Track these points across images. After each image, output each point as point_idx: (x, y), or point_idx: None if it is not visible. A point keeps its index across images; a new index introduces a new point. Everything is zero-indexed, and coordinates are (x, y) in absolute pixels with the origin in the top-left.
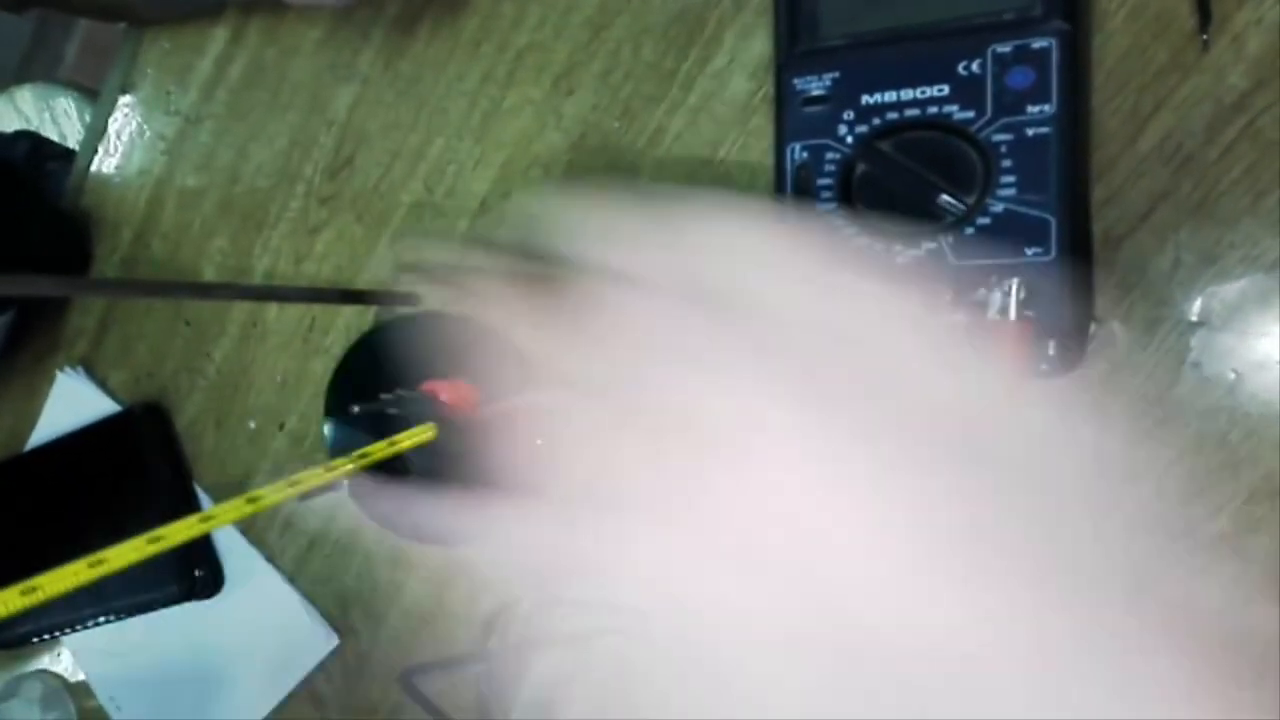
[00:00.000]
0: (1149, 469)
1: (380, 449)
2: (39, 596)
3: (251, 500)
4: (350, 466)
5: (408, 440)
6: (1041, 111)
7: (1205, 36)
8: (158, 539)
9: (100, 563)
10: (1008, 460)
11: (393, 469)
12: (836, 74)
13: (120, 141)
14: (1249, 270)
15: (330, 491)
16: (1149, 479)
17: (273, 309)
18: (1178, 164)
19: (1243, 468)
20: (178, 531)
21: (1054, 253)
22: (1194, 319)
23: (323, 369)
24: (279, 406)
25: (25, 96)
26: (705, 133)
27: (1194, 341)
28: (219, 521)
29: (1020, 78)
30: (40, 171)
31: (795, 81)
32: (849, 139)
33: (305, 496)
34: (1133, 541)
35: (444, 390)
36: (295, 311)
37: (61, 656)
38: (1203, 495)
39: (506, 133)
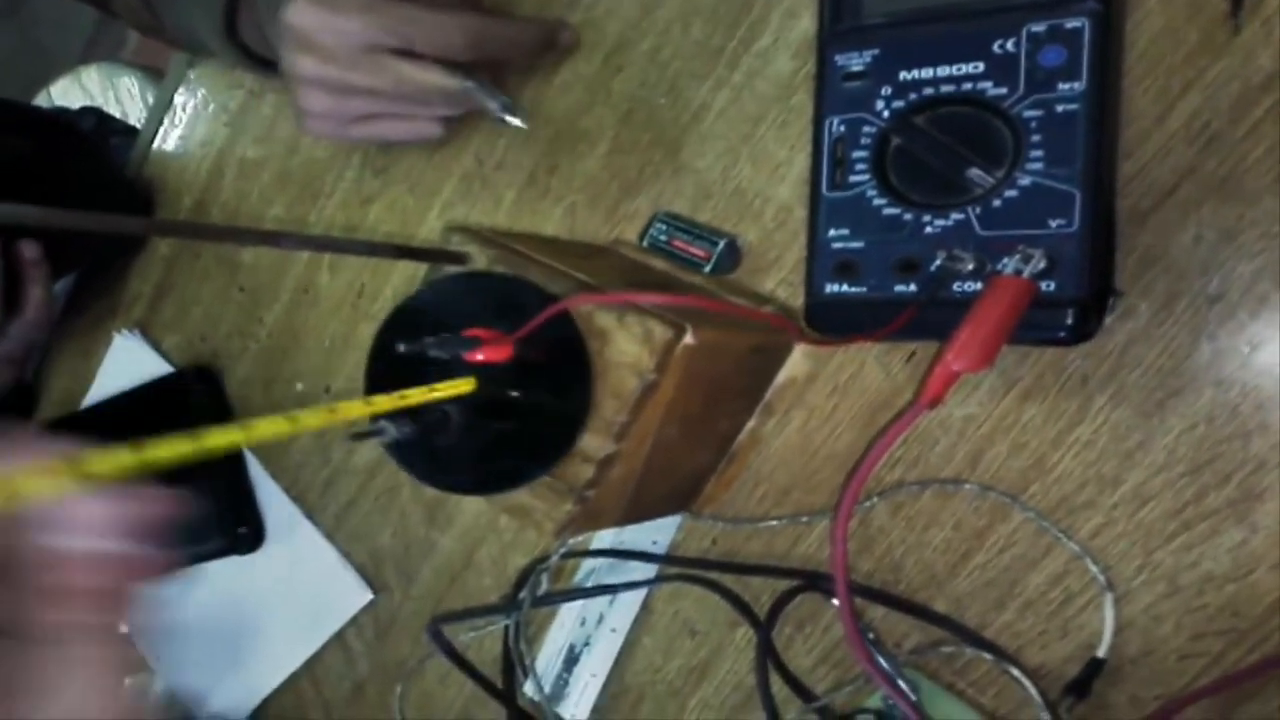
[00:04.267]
0: (1162, 435)
1: (420, 393)
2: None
3: (291, 420)
4: (389, 404)
5: (447, 389)
6: (1071, 89)
7: (1236, 20)
8: (199, 440)
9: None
10: None
11: (432, 419)
12: (876, 50)
13: (185, 113)
14: (1267, 247)
15: (375, 434)
16: (1161, 445)
17: (325, 275)
18: (1204, 143)
19: (1253, 437)
20: (217, 436)
21: (1077, 225)
22: (1212, 293)
23: (369, 333)
24: (325, 369)
25: (91, 75)
26: (748, 108)
27: (1211, 315)
28: (259, 433)
29: (1053, 56)
30: (104, 145)
31: (837, 58)
32: (885, 113)
33: (355, 436)
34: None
35: (485, 335)
36: (346, 277)
37: None
38: (1213, 463)
39: (556, 107)
